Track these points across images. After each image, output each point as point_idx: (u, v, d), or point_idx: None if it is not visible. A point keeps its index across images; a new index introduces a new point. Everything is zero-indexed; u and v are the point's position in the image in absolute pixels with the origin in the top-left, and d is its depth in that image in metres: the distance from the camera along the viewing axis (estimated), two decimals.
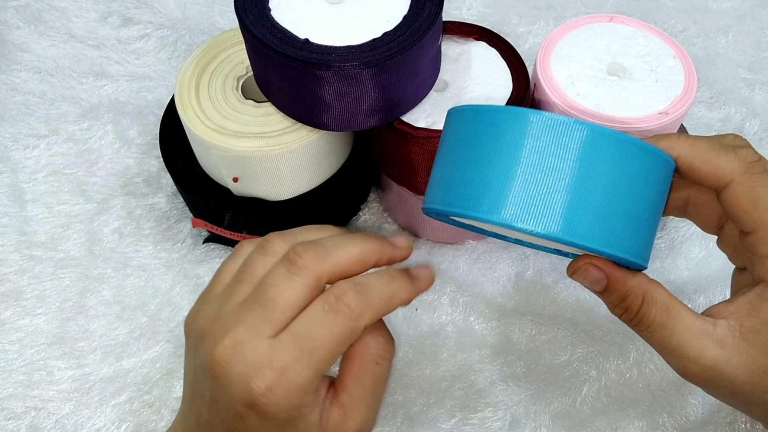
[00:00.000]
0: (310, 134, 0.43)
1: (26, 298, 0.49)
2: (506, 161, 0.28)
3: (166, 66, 0.62)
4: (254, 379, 0.29)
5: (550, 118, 0.28)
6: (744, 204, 0.30)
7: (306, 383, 0.30)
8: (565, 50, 0.46)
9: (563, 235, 0.28)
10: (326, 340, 0.30)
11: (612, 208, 0.28)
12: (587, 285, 0.33)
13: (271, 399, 0.29)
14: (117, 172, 0.55)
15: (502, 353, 0.47)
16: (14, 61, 0.62)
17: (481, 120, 0.30)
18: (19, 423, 0.44)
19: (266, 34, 0.40)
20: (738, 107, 0.60)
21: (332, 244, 0.31)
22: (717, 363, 0.31)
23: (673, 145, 0.31)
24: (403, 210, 0.51)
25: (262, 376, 0.29)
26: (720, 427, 0.44)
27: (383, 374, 0.33)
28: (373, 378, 0.33)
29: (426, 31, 0.40)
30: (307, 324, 0.30)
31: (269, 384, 0.29)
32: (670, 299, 0.32)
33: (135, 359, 0.46)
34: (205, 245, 0.52)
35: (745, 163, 0.30)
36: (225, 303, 0.32)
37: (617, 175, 0.28)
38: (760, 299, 0.31)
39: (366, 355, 0.33)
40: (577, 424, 0.44)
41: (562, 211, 0.28)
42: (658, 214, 0.31)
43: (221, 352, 0.30)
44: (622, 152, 0.28)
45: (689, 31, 0.65)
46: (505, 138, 0.28)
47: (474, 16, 0.67)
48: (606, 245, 0.29)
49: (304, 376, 0.30)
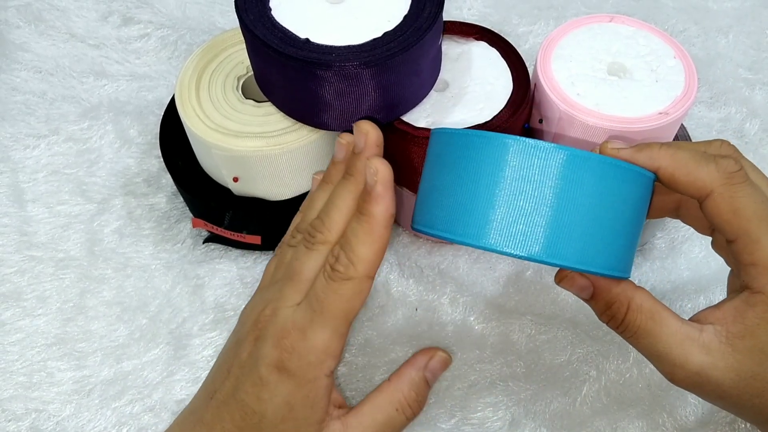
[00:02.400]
0: (310, 134, 0.43)
1: (26, 298, 0.49)
2: (488, 186, 0.30)
3: (167, 66, 0.62)
4: (282, 339, 0.34)
5: (528, 144, 0.29)
6: (725, 214, 0.31)
7: (324, 342, 0.34)
8: (565, 50, 0.46)
9: (546, 257, 0.29)
10: (332, 300, 0.34)
11: (592, 228, 0.30)
12: (575, 292, 0.35)
13: (293, 355, 0.34)
14: (117, 172, 0.55)
15: (502, 353, 0.47)
16: (14, 61, 0.62)
17: (463, 145, 0.31)
18: (19, 425, 0.44)
19: (267, 33, 0.40)
20: (738, 107, 0.60)
21: (338, 214, 0.36)
22: (703, 368, 0.31)
23: (654, 156, 0.32)
24: (403, 210, 0.51)
25: (288, 336, 0.34)
26: (720, 427, 0.44)
27: (396, 423, 0.37)
28: (387, 419, 0.36)
29: (426, 30, 0.40)
30: (315, 290, 0.34)
31: (293, 342, 0.34)
32: (655, 306, 0.33)
33: (135, 361, 0.46)
34: (205, 245, 0.52)
35: (725, 174, 0.31)
36: (267, 288, 0.38)
37: (597, 196, 0.30)
38: (745, 305, 0.31)
39: (392, 396, 0.37)
40: (577, 424, 0.44)
41: (543, 234, 0.29)
42: (638, 227, 0.32)
43: (262, 318, 0.35)
44: (600, 174, 0.30)
45: (689, 31, 0.65)
46: (487, 163, 0.30)
47: (474, 16, 0.67)
48: (587, 264, 0.30)
49: (321, 335, 0.34)
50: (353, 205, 0.36)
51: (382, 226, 0.34)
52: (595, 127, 0.42)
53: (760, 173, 0.34)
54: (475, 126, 0.43)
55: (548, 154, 0.29)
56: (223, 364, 0.37)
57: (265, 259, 0.51)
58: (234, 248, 0.51)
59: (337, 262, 0.34)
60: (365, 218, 0.34)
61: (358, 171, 0.37)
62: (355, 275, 0.34)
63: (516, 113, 0.43)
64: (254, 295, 0.40)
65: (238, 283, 0.50)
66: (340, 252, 0.34)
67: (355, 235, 0.34)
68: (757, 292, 0.31)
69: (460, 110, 0.44)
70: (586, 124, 0.42)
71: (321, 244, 0.36)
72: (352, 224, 0.35)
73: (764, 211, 0.31)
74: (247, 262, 0.51)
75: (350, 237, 0.34)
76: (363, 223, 0.34)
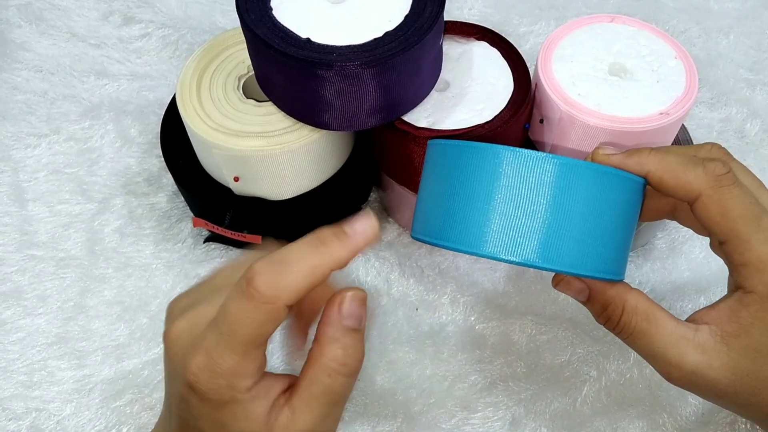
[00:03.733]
0: (311, 134, 0.43)
1: (27, 297, 0.49)
2: (484, 196, 0.31)
3: (168, 65, 0.62)
4: (191, 359, 0.30)
5: (522, 154, 0.31)
6: (714, 216, 0.32)
7: (231, 366, 0.29)
8: (566, 50, 0.46)
9: (541, 263, 0.31)
10: (243, 323, 0.29)
11: (585, 233, 0.31)
12: (571, 295, 0.35)
13: (201, 378, 0.30)
14: (118, 172, 0.55)
15: (503, 353, 0.47)
16: (16, 60, 0.62)
17: (459, 156, 0.33)
18: (20, 424, 0.44)
19: (268, 33, 0.40)
20: (739, 108, 0.60)
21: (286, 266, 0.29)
22: (698, 368, 0.32)
23: (643, 161, 0.33)
24: (403, 210, 0.51)
25: (195, 357, 0.30)
26: (720, 427, 0.44)
27: (336, 389, 0.32)
28: (324, 389, 0.32)
29: (427, 30, 0.40)
30: (225, 308, 0.29)
31: (199, 364, 0.30)
32: (650, 307, 0.33)
33: (135, 360, 0.46)
34: (206, 245, 0.52)
35: (712, 177, 0.31)
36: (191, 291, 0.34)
37: (589, 202, 0.31)
38: (739, 305, 0.32)
39: (318, 364, 0.32)
40: (577, 424, 0.44)
41: (538, 240, 0.31)
42: (630, 230, 0.33)
43: (173, 330, 0.31)
44: (591, 181, 0.31)
45: (690, 31, 0.65)
46: (482, 174, 0.31)
47: (475, 16, 0.67)
48: (581, 268, 0.31)
49: (228, 359, 0.29)
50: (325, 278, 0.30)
51: (329, 267, 0.30)
52: (596, 127, 0.42)
53: (750, 175, 0.34)
54: (476, 126, 0.43)
55: (540, 164, 0.31)
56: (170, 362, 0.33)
57: None
58: (234, 248, 0.51)
59: (257, 278, 0.28)
60: (324, 249, 0.30)
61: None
62: (275, 302, 0.28)
63: (517, 113, 0.43)
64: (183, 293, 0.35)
65: None
66: (265, 268, 0.29)
67: (300, 260, 0.29)
68: (750, 291, 0.32)
69: (461, 110, 0.44)
70: (587, 124, 0.42)
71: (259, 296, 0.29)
72: (302, 247, 0.30)
73: (752, 212, 0.31)
74: None
75: (291, 259, 0.29)
76: (317, 253, 0.29)
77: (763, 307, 0.31)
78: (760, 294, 0.31)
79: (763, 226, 0.31)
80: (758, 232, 0.31)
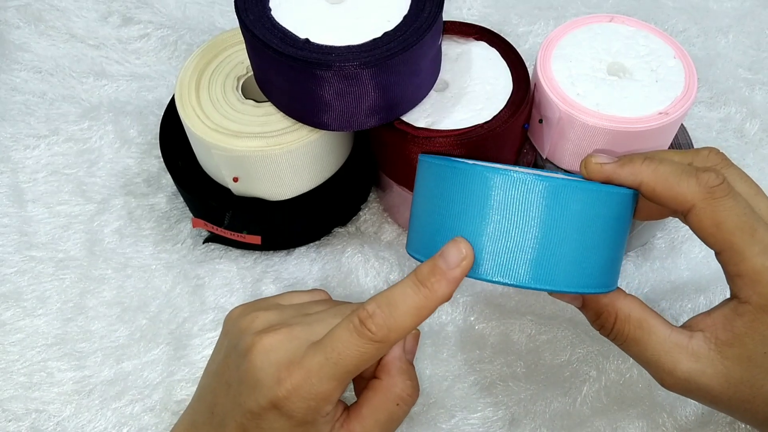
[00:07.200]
0: (310, 134, 0.43)
1: (26, 299, 0.49)
2: (476, 217, 0.32)
3: (167, 66, 0.62)
4: (285, 377, 0.32)
5: (510, 176, 0.31)
6: (708, 227, 0.32)
7: (327, 391, 0.32)
8: (565, 50, 0.46)
9: (534, 284, 0.31)
10: (350, 354, 0.32)
11: (577, 251, 0.32)
12: (566, 302, 0.36)
13: (293, 396, 0.32)
14: (117, 172, 0.55)
15: (502, 353, 0.47)
16: (14, 61, 0.62)
17: (450, 176, 0.33)
18: (19, 425, 0.44)
19: (266, 33, 0.40)
20: (738, 107, 0.60)
21: (395, 308, 0.32)
22: (692, 375, 0.32)
23: (636, 171, 0.33)
24: (403, 210, 0.51)
25: (291, 376, 0.32)
26: (720, 427, 0.44)
27: (399, 416, 0.36)
28: (389, 416, 0.35)
29: (426, 30, 0.40)
30: (334, 338, 0.32)
31: (295, 382, 0.32)
32: (644, 314, 0.34)
33: (135, 361, 0.46)
34: (205, 245, 0.52)
35: (705, 189, 0.31)
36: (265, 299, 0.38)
37: (579, 220, 0.31)
38: (733, 314, 0.32)
39: (390, 393, 0.35)
40: (577, 424, 0.44)
41: (530, 262, 0.31)
42: (621, 243, 0.34)
43: (266, 342, 0.33)
44: (581, 199, 0.31)
45: (689, 31, 0.65)
46: (472, 197, 0.32)
47: (474, 16, 0.67)
48: (573, 286, 0.32)
49: (326, 384, 0.32)
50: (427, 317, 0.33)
51: (434, 305, 0.32)
52: (595, 127, 0.42)
53: (747, 182, 0.34)
54: (475, 126, 0.43)
55: (530, 186, 0.31)
56: (222, 373, 0.35)
57: (265, 259, 0.51)
58: (234, 248, 0.51)
59: (371, 320, 0.31)
60: (426, 291, 0.32)
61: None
62: (385, 340, 0.31)
63: (516, 113, 0.43)
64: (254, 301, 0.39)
65: (238, 283, 0.50)
66: (377, 310, 0.31)
67: (406, 302, 0.32)
68: (745, 302, 0.32)
69: (460, 110, 0.44)
70: (586, 124, 0.42)
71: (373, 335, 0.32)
72: (406, 290, 0.32)
73: (746, 223, 0.31)
74: (247, 262, 0.51)
75: (398, 301, 0.32)
76: (420, 295, 0.32)
77: (757, 317, 0.31)
78: (755, 304, 0.31)
79: (757, 237, 0.31)
80: (752, 244, 0.31)
